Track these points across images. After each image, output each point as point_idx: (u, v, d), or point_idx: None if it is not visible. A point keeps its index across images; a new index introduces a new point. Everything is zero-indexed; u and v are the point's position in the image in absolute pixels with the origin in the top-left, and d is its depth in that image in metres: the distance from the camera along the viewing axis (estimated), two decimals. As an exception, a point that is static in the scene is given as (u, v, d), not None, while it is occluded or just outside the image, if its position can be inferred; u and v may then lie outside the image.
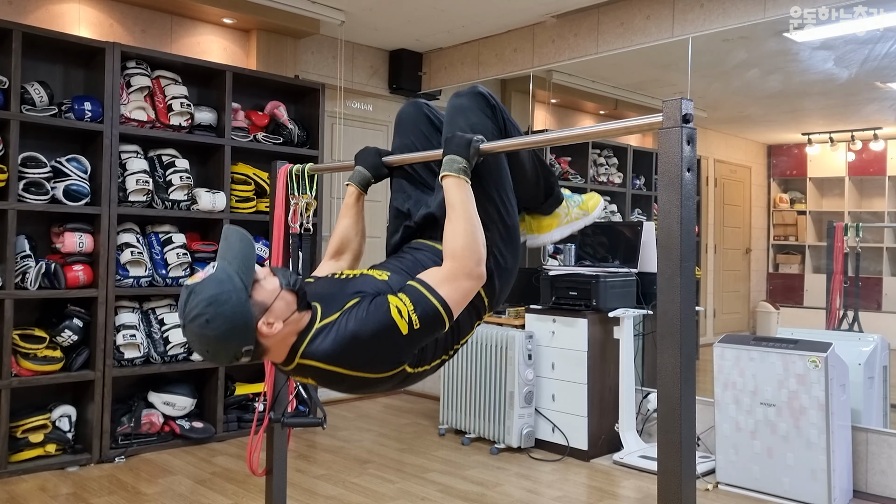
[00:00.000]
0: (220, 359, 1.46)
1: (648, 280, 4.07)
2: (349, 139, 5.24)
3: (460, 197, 1.62)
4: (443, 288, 1.51)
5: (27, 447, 3.57)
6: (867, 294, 4.57)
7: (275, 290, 1.48)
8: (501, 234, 1.74)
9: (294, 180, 2.20)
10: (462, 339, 1.70)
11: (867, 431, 3.41)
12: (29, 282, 3.55)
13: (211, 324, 1.40)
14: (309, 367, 1.49)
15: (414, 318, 1.46)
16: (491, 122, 1.78)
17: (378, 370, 1.49)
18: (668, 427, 1.35)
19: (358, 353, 1.46)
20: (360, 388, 1.55)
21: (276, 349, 1.50)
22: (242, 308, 1.42)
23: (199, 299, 1.41)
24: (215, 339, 1.41)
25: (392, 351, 1.48)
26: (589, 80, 5.27)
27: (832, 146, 4.96)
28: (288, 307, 1.48)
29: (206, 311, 1.40)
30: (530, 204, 2.02)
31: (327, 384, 1.55)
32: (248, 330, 1.43)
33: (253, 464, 2.16)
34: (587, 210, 2.08)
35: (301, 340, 1.49)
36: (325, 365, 1.47)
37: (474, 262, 1.55)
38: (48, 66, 3.88)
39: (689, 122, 1.34)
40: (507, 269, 1.75)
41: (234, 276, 1.44)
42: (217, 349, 1.43)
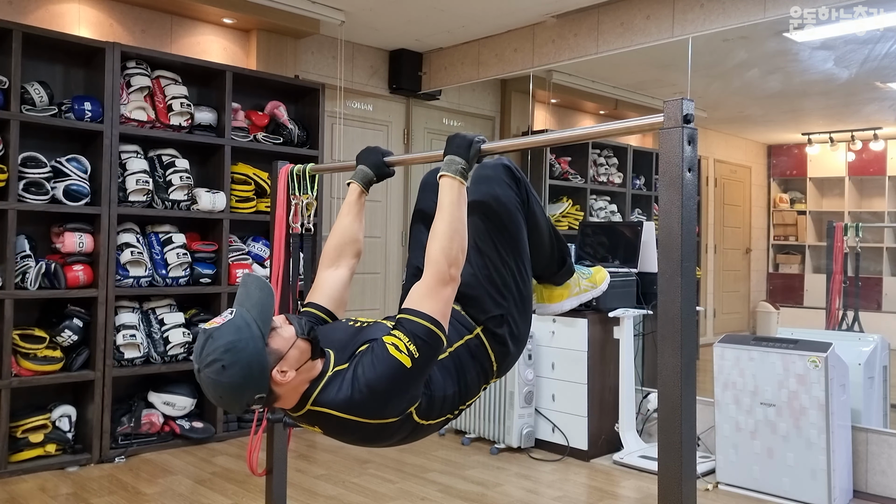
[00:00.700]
0: (231, 406, 1.47)
1: (648, 280, 4.07)
2: (349, 139, 5.24)
3: (450, 198, 1.62)
4: (425, 304, 1.53)
5: (27, 447, 3.57)
6: (867, 294, 4.57)
7: (290, 338, 1.49)
8: (517, 303, 1.77)
9: (295, 180, 2.20)
10: (469, 400, 1.72)
11: (867, 431, 3.41)
12: (29, 282, 3.55)
13: (227, 371, 1.41)
14: (320, 413, 1.50)
15: (412, 348, 1.47)
16: (514, 193, 1.81)
17: (389, 414, 1.50)
18: (668, 427, 1.35)
19: (370, 399, 1.47)
20: (369, 438, 1.56)
21: (288, 397, 1.51)
22: (259, 356, 1.43)
23: (217, 345, 1.42)
24: (230, 387, 1.42)
25: (402, 389, 1.49)
26: (589, 80, 5.27)
27: (832, 146, 4.96)
28: (302, 355, 1.49)
29: (223, 358, 1.41)
30: (543, 273, 2.05)
31: (336, 432, 1.55)
32: (264, 378, 1.44)
33: (253, 464, 2.16)
34: (595, 283, 2.14)
35: (313, 388, 1.50)
36: (337, 412, 1.48)
37: (447, 265, 1.56)
38: (48, 66, 3.87)
39: (690, 122, 1.34)
40: (519, 337, 1.79)
41: (252, 323, 1.44)
42: (231, 396, 1.44)
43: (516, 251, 1.79)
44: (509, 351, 1.76)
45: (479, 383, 1.72)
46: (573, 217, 5.41)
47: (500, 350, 1.73)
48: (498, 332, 1.74)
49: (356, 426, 1.50)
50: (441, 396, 1.61)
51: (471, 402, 1.73)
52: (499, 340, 1.74)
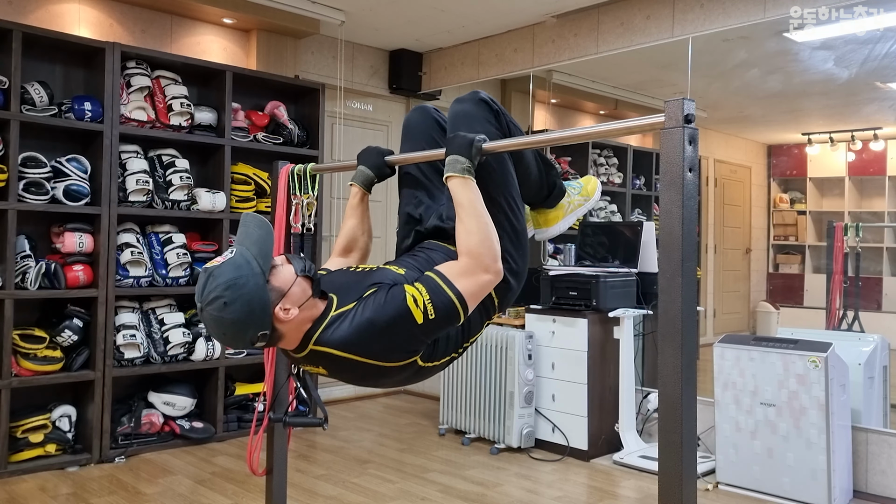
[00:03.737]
0: (236, 342, 1.47)
1: (648, 280, 4.07)
2: (349, 139, 5.24)
3: (468, 196, 1.62)
4: (460, 281, 1.52)
5: (27, 447, 3.57)
6: (867, 294, 4.57)
7: (291, 276, 1.50)
8: (511, 239, 1.76)
9: (295, 180, 2.20)
10: (472, 337, 1.72)
11: (867, 431, 3.41)
12: (29, 282, 3.55)
13: (229, 307, 1.41)
14: (322, 353, 1.50)
15: (430, 307, 1.47)
16: (494, 129, 1.80)
17: (391, 359, 1.50)
18: (668, 427, 1.35)
19: (372, 340, 1.47)
20: (371, 377, 1.55)
21: (291, 335, 1.51)
22: (260, 292, 1.43)
23: (218, 283, 1.42)
24: (232, 323, 1.42)
25: (406, 340, 1.49)
26: (589, 80, 5.27)
27: (832, 146, 4.96)
28: (304, 293, 1.50)
29: (224, 294, 1.41)
30: (535, 200, 2.04)
31: (338, 373, 1.55)
32: (266, 315, 1.45)
33: (253, 464, 2.16)
34: (588, 195, 2.10)
35: (316, 327, 1.50)
36: (339, 352, 1.48)
37: (491, 259, 1.56)
38: (48, 66, 3.87)
39: (691, 122, 1.34)
40: (517, 271, 1.77)
41: (253, 260, 1.45)
42: (234, 332, 1.44)
43: (504, 186, 1.77)
44: (510, 286, 1.75)
45: (481, 319, 1.71)
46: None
47: (500, 286, 1.69)
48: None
49: (358, 366, 1.49)
50: (444, 336, 1.60)
51: (474, 338, 1.72)
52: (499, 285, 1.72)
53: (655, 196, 5.50)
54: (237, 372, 4.40)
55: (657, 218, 4.82)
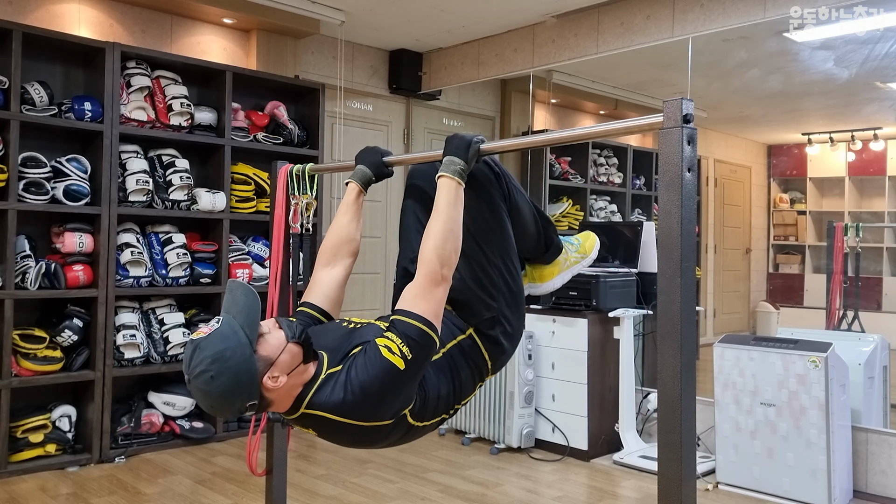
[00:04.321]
0: (224, 413, 1.47)
1: (648, 280, 4.07)
2: (349, 139, 5.24)
3: (447, 199, 1.63)
4: (417, 305, 1.52)
5: (27, 447, 3.57)
6: (867, 294, 4.57)
7: (280, 343, 1.48)
8: (507, 301, 1.76)
9: (294, 180, 2.20)
10: (464, 399, 1.72)
11: (867, 431, 3.41)
12: (29, 282, 3.55)
13: (216, 380, 1.40)
14: (314, 416, 1.50)
15: (405, 349, 1.47)
16: (495, 190, 1.81)
17: (382, 417, 1.49)
18: (668, 427, 1.35)
19: (362, 400, 1.46)
20: (361, 440, 1.55)
21: (281, 401, 1.51)
22: (248, 363, 1.42)
23: (204, 355, 1.40)
24: (220, 396, 1.42)
25: (396, 391, 1.48)
26: (589, 80, 5.27)
27: (832, 146, 4.96)
28: (293, 360, 1.49)
29: (210, 368, 1.40)
30: (531, 255, 2.04)
31: (329, 435, 1.55)
32: (254, 385, 1.43)
33: (253, 464, 2.16)
34: (585, 252, 2.11)
35: (307, 391, 1.49)
36: (331, 415, 1.48)
37: (440, 265, 1.56)
38: (48, 66, 3.87)
39: (689, 122, 1.34)
40: (513, 335, 1.78)
41: (239, 330, 1.44)
42: (222, 405, 1.43)
43: (502, 248, 1.78)
44: (504, 349, 1.76)
45: (473, 382, 1.72)
46: (573, 217, 5.41)
47: (494, 349, 1.73)
48: (490, 333, 1.73)
49: (350, 429, 1.49)
50: (435, 396, 1.61)
51: (466, 400, 1.73)
52: (492, 341, 1.74)
53: (655, 196, 5.50)
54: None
55: (657, 218, 4.82)
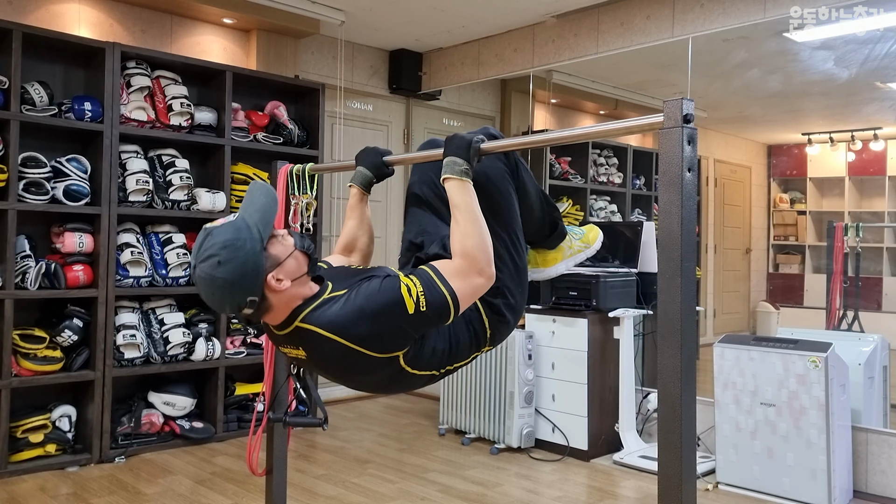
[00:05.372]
0: (224, 305, 1.46)
1: (648, 280, 4.07)
2: (349, 139, 5.24)
3: (464, 199, 1.62)
4: (454, 281, 1.52)
5: (27, 447, 3.57)
6: (867, 294, 4.57)
7: (289, 248, 1.51)
8: (511, 274, 1.76)
9: (294, 180, 2.20)
10: (457, 362, 1.70)
11: (867, 431, 3.41)
12: (29, 282, 3.55)
13: (222, 266, 1.41)
14: (306, 331, 1.48)
15: (422, 299, 1.46)
16: (503, 164, 1.83)
17: (375, 348, 1.47)
18: (668, 427, 1.35)
19: (360, 323, 1.45)
20: (350, 367, 1.51)
21: (279, 309, 1.50)
22: (255, 257, 1.44)
23: (214, 241, 1.43)
24: (223, 283, 1.42)
25: (395, 329, 1.47)
26: (589, 80, 5.27)
27: (832, 146, 4.96)
28: (299, 268, 1.51)
29: (219, 253, 1.41)
30: (535, 238, 2.06)
31: (317, 357, 1.52)
32: (258, 280, 1.44)
33: (253, 464, 2.16)
34: (588, 242, 2.13)
35: (305, 306, 1.49)
36: (324, 331, 1.46)
37: (485, 262, 1.56)
38: (48, 66, 3.87)
39: (689, 122, 1.34)
40: (515, 308, 1.78)
41: (253, 226, 1.47)
42: (223, 294, 1.44)
43: (508, 223, 1.79)
44: (505, 320, 1.75)
45: (469, 347, 1.71)
46: (573, 217, 5.41)
47: (495, 318, 1.72)
48: (494, 301, 1.72)
49: (339, 350, 1.46)
50: (431, 348, 1.60)
51: (458, 365, 1.71)
52: (494, 310, 1.73)
53: (655, 196, 5.50)
54: (237, 372, 4.40)
55: (657, 218, 4.82)
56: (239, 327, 4.36)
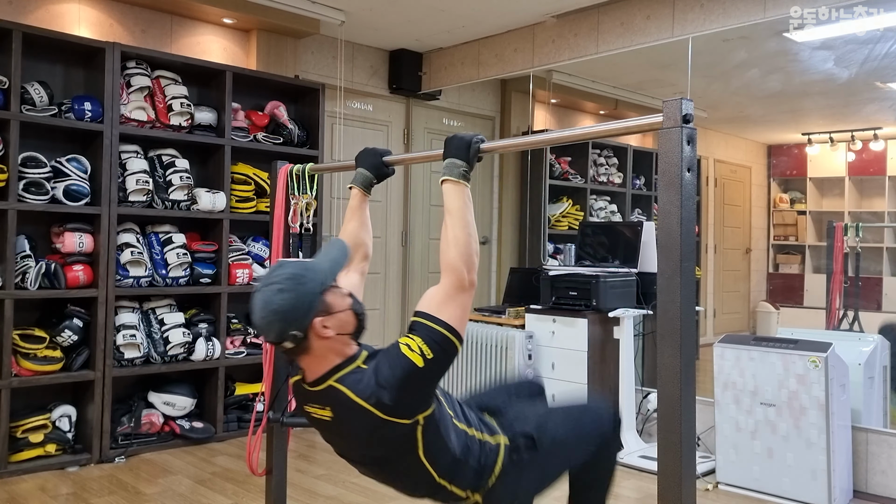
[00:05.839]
0: (270, 330, 1.53)
1: (648, 280, 4.06)
2: (349, 139, 5.24)
3: (458, 203, 1.63)
4: (443, 311, 1.56)
5: (27, 447, 3.57)
6: (867, 294, 4.57)
7: (345, 304, 1.59)
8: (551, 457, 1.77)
9: (294, 180, 2.21)
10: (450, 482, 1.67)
11: (867, 431, 3.41)
12: (29, 282, 3.55)
13: (280, 294, 1.51)
14: (338, 392, 1.54)
15: (425, 348, 1.51)
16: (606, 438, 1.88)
17: (401, 413, 1.52)
18: (668, 427, 1.35)
19: (384, 391, 1.50)
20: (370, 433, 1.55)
21: (316, 359, 1.56)
22: (311, 297, 1.53)
23: (283, 272, 1.54)
24: (277, 309, 1.51)
25: (414, 388, 1.52)
26: (589, 80, 5.27)
27: (832, 146, 4.96)
28: (345, 326, 1.58)
29: (282, 283, 1.52)
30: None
31: (343, 420, 1.57)
32: (307, 317, 1.52)
33: (253, 464, 2.16)
34: None
35: (340, 367, 1.56)
36: (354, 396, 1.52)
37: (466, 271, 1.59)
38: (48, 66, 3.87)
39: (689, 122, 1.34)
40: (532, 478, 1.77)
41: (319, 271, 1.56)
42: (273, 319, 1.51)
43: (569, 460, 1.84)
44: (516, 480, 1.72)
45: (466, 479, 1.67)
46: (573, 217, 5.41)
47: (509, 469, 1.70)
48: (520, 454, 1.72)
49: (365, 416, 1.52)
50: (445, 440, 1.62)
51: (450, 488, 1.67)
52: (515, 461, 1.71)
53: (655, 196, 5.50)
54: (237, 372, 4.40)
55: (657, 218, 4.82)
56: (239, 327, 4.36)
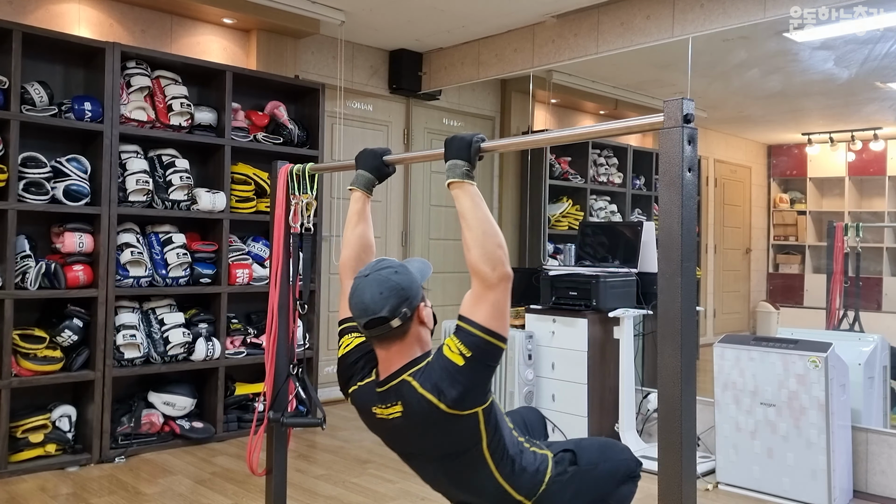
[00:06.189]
0: (385, 306, 1.60)
1: (648, 280, 4.07)
2: (349, 139, 5.24)
3: (469, 204, 1.65)
4: (475, 313, 1.60)
5: (27, 447, 3.57)
6: (867, 294, 4.57)
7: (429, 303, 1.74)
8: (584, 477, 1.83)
9: (294, 180, 2.20)
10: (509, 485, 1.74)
11: (867, 431, 3.41)
12: (29, 282, 3.55)
13: (398, 275, 1.63)
14: (410, 387, 1.61)
15: (462, 348, 1.57)
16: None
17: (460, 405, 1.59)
18: (668, 427, 1.35)
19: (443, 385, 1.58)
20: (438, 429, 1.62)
21: (403, 348, 1.65)
22: (417, 284, 1.66)
23: (391, 262, 1.67)
24: (395, 285, 1.61)
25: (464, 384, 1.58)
26: (589, 80, 5.27)
27: (832, 146, 4.96)
28: (430, 321, 1.71)
29: (396, 268, 1.65)
30: None
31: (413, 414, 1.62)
32: (416, 298, 1.64)
33: (253, 464, 2.16)
34: None
35: (416, 362, 1.65)
36: (423, 389, 1.59)
37: (491, 269, 1.60)
38: (48, 66, 3.87)
39: (690, 122, 1.34)
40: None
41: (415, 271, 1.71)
42: (390, 294, 1.60)
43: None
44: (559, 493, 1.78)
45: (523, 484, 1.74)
46: (573, 217, 5.41)
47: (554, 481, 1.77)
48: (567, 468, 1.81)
49: (432, 408, 1.58)
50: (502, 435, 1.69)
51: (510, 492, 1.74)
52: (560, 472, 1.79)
53: (655, 196, 5.50)
54: (237, 372, 4.40)
55: (657, 218, 4.82)
56: (239, 327, 4.37)
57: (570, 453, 1.84)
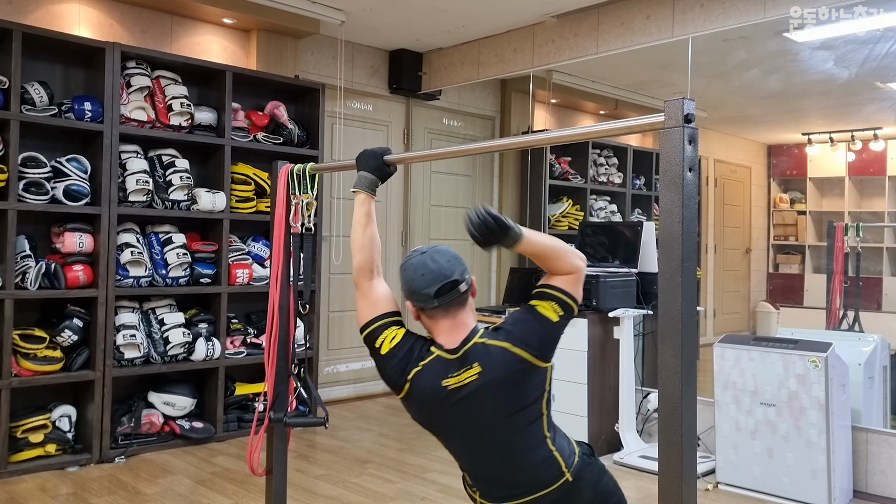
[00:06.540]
0: (455, 269, 1.72)
1: (648, 280, 4.07)
2: (349, 139, 5.24)
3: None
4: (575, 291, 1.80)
5: (27, 447, 3.57)
6: (867, 294, 4.57)
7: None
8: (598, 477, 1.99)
9: (295, 180, 2.20)
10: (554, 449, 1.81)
11: (867, 431, 3.41)
12: (29, 282, 3.55)
13: (451, 250, 1.77)
14: (488, 345, 1.69)
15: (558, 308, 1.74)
16: None
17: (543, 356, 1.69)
18: (668, 427, 1.35)
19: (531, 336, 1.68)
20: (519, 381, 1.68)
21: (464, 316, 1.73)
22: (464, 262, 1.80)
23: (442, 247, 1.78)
24: (456, 255, 1.76)
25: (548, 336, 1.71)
26: (589, 80, 5.27)
27: (832, 146, 4.96)
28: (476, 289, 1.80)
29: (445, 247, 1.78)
30: None
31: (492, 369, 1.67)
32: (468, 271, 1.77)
33: (253, 464, 2.16)
34: None
35: (476, 330, 1.73)
36: (505, 343, 1.67)
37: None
38: (48, 66, 3.87)
39: (690, 121, 1.34)
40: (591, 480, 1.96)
41: None
42: (456, 261, 1.74)
43: None
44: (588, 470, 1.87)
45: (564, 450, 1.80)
46: (573, 217, 5.41)
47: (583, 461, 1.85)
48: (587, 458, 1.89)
49: (515, 359, 1.66)
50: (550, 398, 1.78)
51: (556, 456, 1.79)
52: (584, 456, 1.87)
53: (655, 196, 5.50)
54: (237, 372, 4.40)
55: (657, 218, 4.82)
56: (239, 327, 4.37)
57: (588, 446, 1.93)
